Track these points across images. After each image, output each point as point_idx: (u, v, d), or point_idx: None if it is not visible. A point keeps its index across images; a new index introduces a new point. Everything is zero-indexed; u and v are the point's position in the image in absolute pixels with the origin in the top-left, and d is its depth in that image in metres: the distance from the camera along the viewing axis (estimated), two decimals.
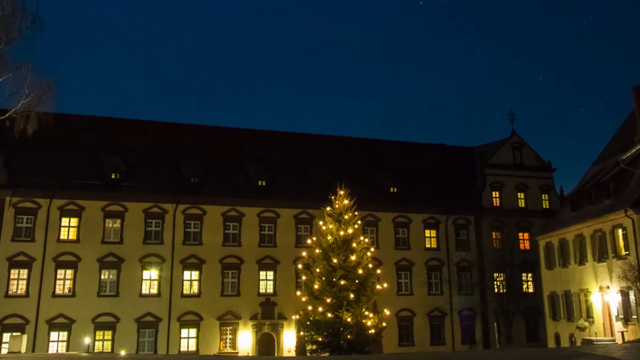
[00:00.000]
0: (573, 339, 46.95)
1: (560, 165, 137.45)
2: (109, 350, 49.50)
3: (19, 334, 45.70)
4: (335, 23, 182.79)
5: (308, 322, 44.33)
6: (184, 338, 51.69)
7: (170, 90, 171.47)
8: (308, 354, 46.53)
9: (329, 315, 43.42)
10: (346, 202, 46.14)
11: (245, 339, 52.96)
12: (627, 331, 40.23)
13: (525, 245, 62.78)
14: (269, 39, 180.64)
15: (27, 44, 31.91)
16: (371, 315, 44.69)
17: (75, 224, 50.77)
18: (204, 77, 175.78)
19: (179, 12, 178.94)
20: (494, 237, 62.39)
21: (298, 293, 49.80)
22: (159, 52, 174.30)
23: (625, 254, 41.09)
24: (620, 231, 42.10)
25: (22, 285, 48.44)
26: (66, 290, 49.53)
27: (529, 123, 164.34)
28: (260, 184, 57.21)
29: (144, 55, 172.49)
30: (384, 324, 46.58)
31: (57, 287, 49.27)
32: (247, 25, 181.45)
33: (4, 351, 45.42)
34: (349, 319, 43.14)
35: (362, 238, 46.95)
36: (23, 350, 42.57)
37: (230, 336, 52.97)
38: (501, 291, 60.32)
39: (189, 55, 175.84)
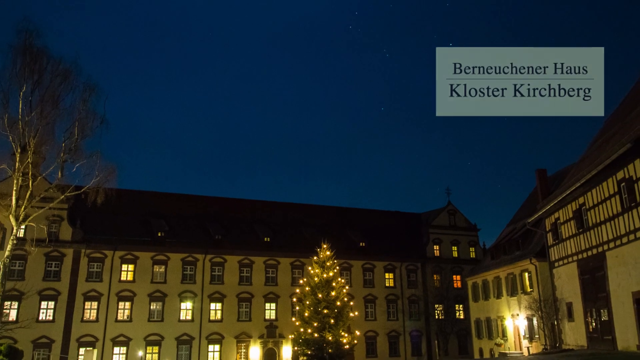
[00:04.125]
0: (492, 352, 46.86)
1: (483, 226, 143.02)
2: None
3: (90, 348, 46.94)
4: (320, 124, 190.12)
5: (300, 340, 44.60)
6: (211, 352, 51.83)
7: (200, 171, 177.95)
8: None
9: (316, 335, 43.77)
10: (328, 253, 46.22)
11: (255, 352, 53.14)
12: (531, 347, 39.68)
13: (457, 284, 62.69)
14: (272, 135, 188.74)
15: (96, 139, 34.25)
16: (346, 335, 44.95)
17: (132, 269, 51.10)
18: (224, 161, 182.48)
19: (206, 114, 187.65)
20: (435, 278, 62.38)
21: (293, 319, 49.83)
22: (192, 144, 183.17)
23: (530, 291, 40.44)
24: (526, 274, 41.32)
25: (93, 313, 48.94)
26: (125, 317, 49.88)
27: (461, 195, 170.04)
28: (265, 240, 57.20)
29: (181, 146, 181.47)
30: (355, 342, 47.19)
31: (118, 314, 49.72)
32: (255, 126, 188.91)
33: None
34: (330, 338, 43.54)
35: (339, 279, 46.90)
36: None
37: (244, 350, 53.01)
38: (440, 317, 60.65)
39: (214, 145, 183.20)
